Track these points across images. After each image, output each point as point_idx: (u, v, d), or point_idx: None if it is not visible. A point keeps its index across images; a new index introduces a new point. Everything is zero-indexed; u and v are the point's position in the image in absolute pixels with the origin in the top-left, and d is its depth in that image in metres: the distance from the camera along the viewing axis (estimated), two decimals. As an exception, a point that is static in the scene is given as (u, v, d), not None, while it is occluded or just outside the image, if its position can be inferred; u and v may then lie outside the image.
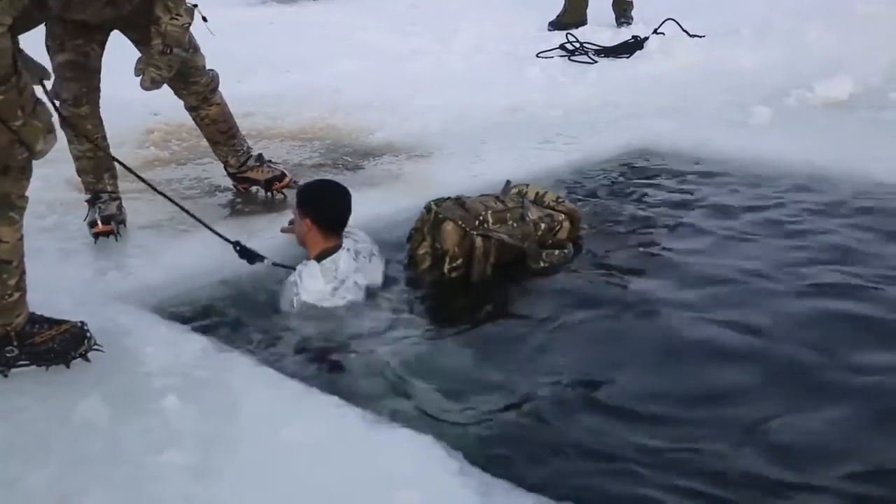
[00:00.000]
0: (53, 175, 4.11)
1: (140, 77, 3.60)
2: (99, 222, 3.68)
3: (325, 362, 2.93)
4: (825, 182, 4.28)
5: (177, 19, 3.51)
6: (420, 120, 5.42)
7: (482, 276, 3.39)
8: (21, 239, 2.57)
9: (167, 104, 4.24)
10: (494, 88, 6.08)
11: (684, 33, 6.99)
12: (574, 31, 7.29)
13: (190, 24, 3.60)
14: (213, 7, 3.79)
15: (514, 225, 3.46)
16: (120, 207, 3.80)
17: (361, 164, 4.75)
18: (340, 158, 4.86)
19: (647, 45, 6.85)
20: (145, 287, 3.32)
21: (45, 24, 3.52)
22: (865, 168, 4.30)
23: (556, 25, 7.78)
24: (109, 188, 3.81)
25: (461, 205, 3.45)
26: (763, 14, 7.15)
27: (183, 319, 3.13)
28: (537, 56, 6.94)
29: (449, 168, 4.62)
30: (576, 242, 3.67)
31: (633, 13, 7.80)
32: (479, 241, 3.37)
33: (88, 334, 2.70)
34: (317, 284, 3.22)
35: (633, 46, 6.88)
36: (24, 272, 2.62)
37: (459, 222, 3.38)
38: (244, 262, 3.38)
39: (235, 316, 3.21)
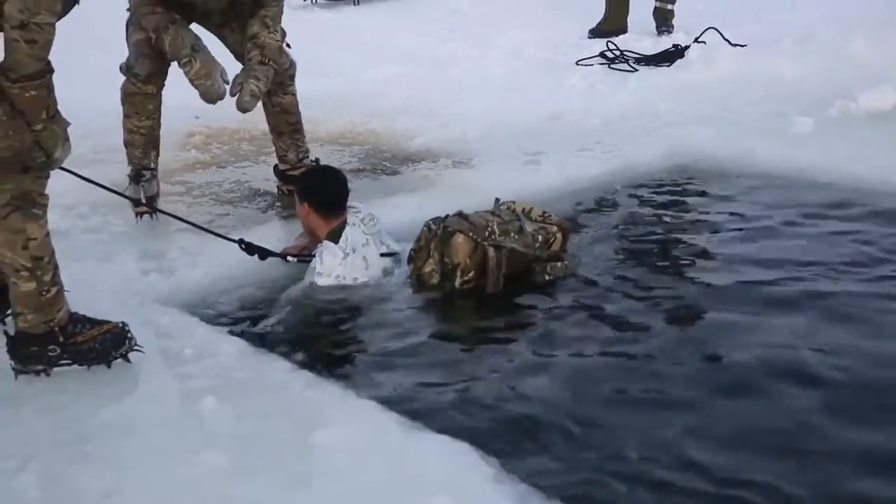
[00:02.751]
0: (97, 177, 4.15)
1: (237, 96, 3.70)
2: (144, 202, 3.82)
3: (361, 366, 2.95)
4: (867, 193, 4.23)
5: (274, 34, 3.75)
6: (459, 126, 5.43)
7: (497, 286, 3.37)
8: (48, 235, 2.61)
9: (209, 107, 4.28)
10: (533, 95, 6.08)
11: (726, 42, 6.94)
12: (614, 39, 7.27)
13: (283, 42, 3.87)
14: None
15: (516, 237, 3.44)
16: (158, 184, 4.02)
17: (399, 170, 4.77)
18: (379, 163, 4.88)
19: (687, 53, 6.81)
20: (186, 289, 3.38)
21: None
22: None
23: (596, 33, 7.78)
24: (153, 165, 3.99)
25: (465, 218, 3.44)
26: (805, 24, 7.06)
27: (222, 321, 3.17)
28: (577, 63, 6.93)
29: (487, 175, 4.62)
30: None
31: (674, 22, 7.78)
32: (491, 251, 3.35)
33: (129, 335, 2.74)
34: (337, 261, 3.39)
35: (673, 55, 6.85)
36: (56, 266, 2.65)
37: (470, 234, 3.36)
38: (278, 262, 3.52)
39: (273, 318, 3.24)
